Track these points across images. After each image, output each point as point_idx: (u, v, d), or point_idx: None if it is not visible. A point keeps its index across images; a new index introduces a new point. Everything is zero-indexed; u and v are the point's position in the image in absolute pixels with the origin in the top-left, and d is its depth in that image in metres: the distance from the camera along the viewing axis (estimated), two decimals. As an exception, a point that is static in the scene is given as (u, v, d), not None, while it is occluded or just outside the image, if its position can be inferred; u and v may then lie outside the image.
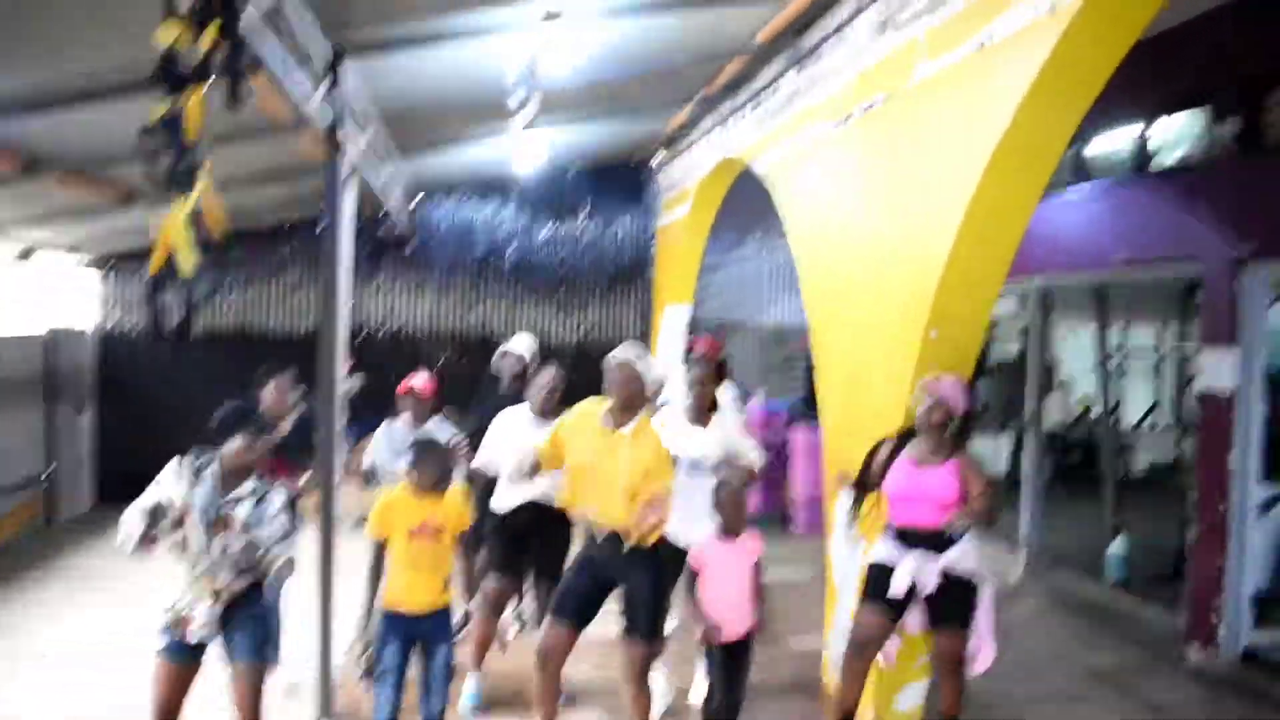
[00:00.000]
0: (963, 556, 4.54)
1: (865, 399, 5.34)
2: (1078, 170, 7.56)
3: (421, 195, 11.50)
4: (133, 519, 3.79)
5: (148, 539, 3.75)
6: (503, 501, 5.42)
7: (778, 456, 10.73)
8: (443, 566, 4.28)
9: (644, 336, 12.10)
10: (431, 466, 4.25)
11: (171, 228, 3.10)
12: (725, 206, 10.42)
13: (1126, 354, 12.83)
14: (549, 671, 4.48)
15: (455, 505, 4.32)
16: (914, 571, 4.50)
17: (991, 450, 12.55)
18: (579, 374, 6.34)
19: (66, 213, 7.88)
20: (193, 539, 3.81)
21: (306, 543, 5.37)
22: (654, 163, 11.93)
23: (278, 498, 3.95)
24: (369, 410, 10.88)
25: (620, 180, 12.15)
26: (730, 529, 4.61)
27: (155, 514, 3.78)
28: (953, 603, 4.54)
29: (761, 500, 10.70)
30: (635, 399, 4.41)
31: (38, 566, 8.21)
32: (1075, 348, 13.24)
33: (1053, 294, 8.31)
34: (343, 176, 5.35)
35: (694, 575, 4.59)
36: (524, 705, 5.43)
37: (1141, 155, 7.30)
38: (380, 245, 11.32)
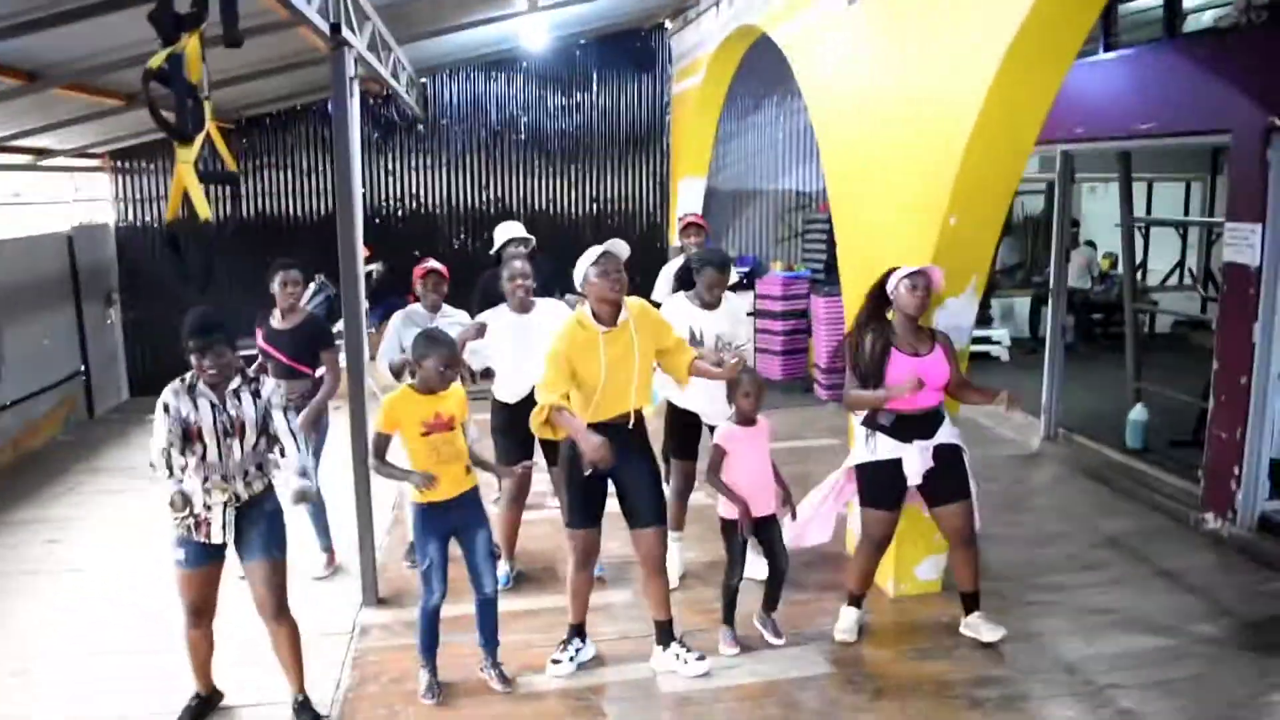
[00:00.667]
0: (948, 433, 4.79)
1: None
2: (1105, 33, 7.29)
3: (430, 75, 11.30)
4: (159, 462, 3.92)
5: (185, 501, 3.89)
6: (505, 393, 5.51)
7: (799, 324, 10.82)
8: (459, 454, 4.36)
9: (663, 207, 12.02)
10: (436, 362, 4.26)
11: (184, 173, 3.09)
12: (741, 70, 10.17)
13: (1151, 213, 12.70)
14: (586, 573, 4.66)
15: (456, 399, 4.38)
16: (920, 456, 4.69)
17: (1014, 313, 12.57)
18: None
19: (73, 118, 7.84)
20: (210, 450, 3.92)
21: (340, 430, 5.60)
22: (667, 27, 11.60)
23: (268, 385, 4.09)
24: (391, 292, 11.03)
25: (632, 48, 11.87)
26: (746, 419, 4.75)
27: (168, 461, 3.91)
28: (949, 478, 4.77)
29: (784, 367, 10.83)
30: (624, 293, 4.44)
31: (83, 459, 8.50)
32: (1100, 207, 13.06)
33: (1076, 158, 8.14)
34: (348, 71, 5.30)
35: (720, 459, 4.75)
36: (553, 582, 5.70)
37: (1172, 19, 7.04)
38: (390, 126, 11.19)
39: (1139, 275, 12.24)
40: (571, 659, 4.69)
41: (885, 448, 4.77)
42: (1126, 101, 7.16)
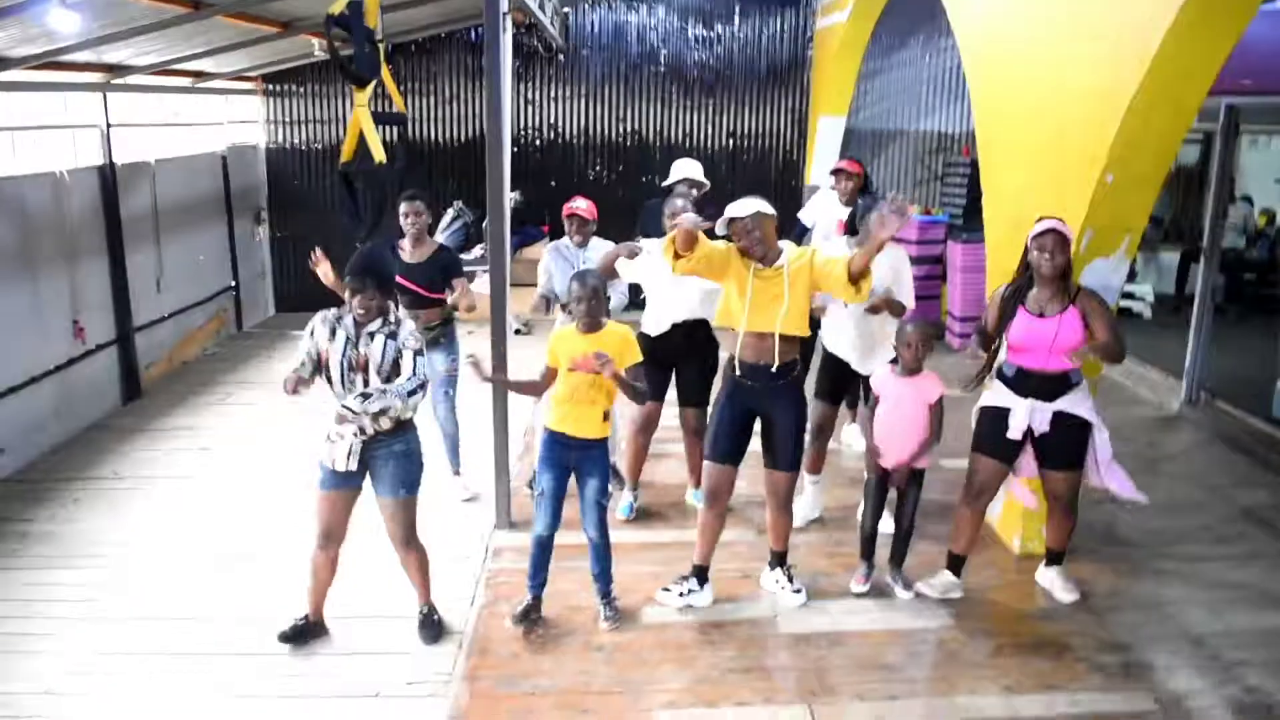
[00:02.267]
0: (1076, 401, 4.67)
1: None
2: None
3: (573, 4, 11.31)
4: (288, 373, 4.10)
5: (300, 382, 4.07)
6: (651, 324, 5.62)
7: (932, 270, 10.63)
8: (600, 399, 4.46)
9: (800, 144, 11.87)
10: (585, 301, 4.36)
11: (360, 116, 3.24)
12: (889, 6, 9.90)
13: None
14: (716, 510, 4.76)
15: (616, 342, 4.41)
16: (1029, 414, 4.65)
17: (1159, 267, 12.07)
18: (733, 181, 6.33)
19: (231, 44, 8.15)
20: (335, 380, 4.12)
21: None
22: (813, -41, 11.34)
23: (406, 328, 4.20)
24: (531, 220, 11.24)
25: (777, -20, 11.62)
26: (910, 369, 4.77)
27: (301, 367, 4.12)
28: (1063, 444, 4.70)
29: (914, 314, 10.66)
30: (775, 243, 4.48)
31: (233, 371, 8.99)
32: (1259, 159, 12.35)
33: (1240, 112, 7.73)
34: (501, 7, 5.39)
35: (875, 402, 4.83)
36: (679, 517, 5.85)
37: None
38: (532, 55, 11.27)
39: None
40: (682, 595, 4.82)
41: (1002, 396, 4.75)
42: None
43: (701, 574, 4.88)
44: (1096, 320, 4.56)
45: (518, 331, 10.04)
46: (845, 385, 5.66)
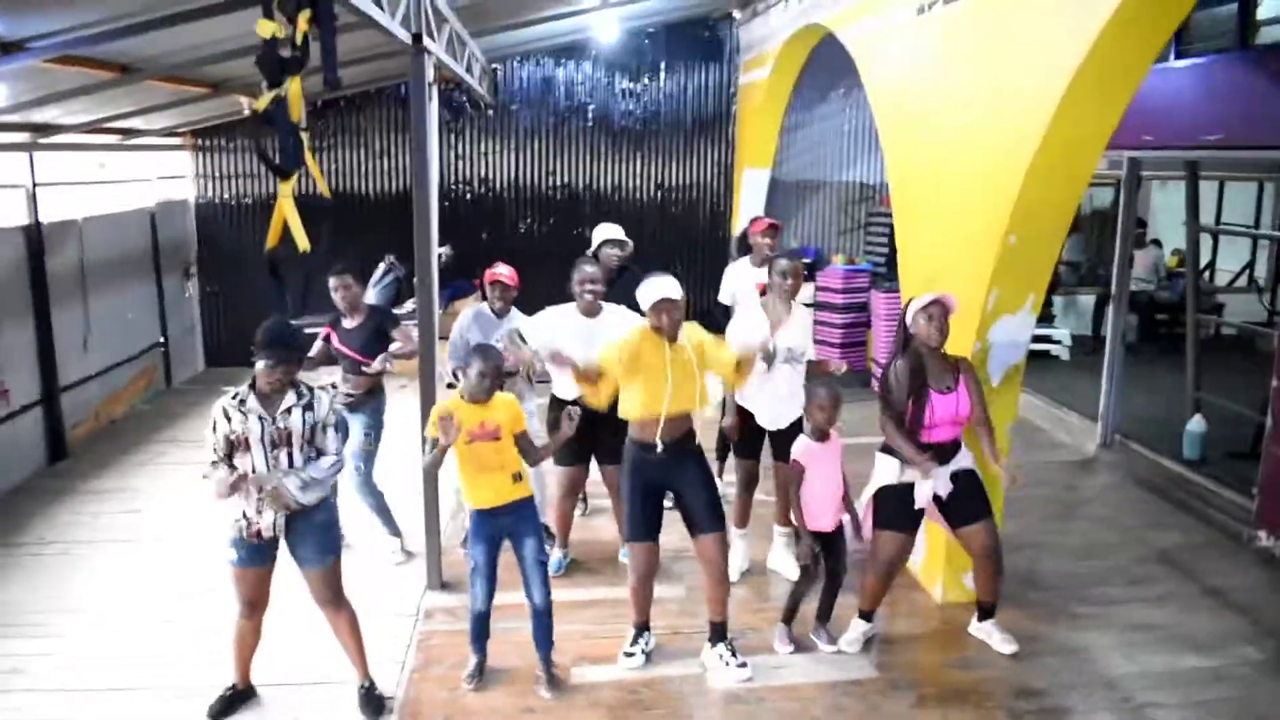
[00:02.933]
0: (963, 457, 4.93)
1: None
2: (1177, 40, 7.23)
3: (501, 61, 11.47)
4: (214, 477, 4.10)
5: (235, 479, 4.08)
6: (566, 390, 5.66)
7: (859, 318, 10.89)
8: (507, 463, 4.52)
9: (726, 196, 12.10)
10: (476, 371, 4.42)
11: (285, 205, 3.31)
12: (809, 62, 10.19)
13: (1222, 213, 12.47)
14: (646, 586, 4.86)
15: (505, 409, 4.51)
16: (934, 485, 4.83)
17: (1077, 310, 12.47)
18: (662, 232, 6.44)
19: (161, 104, 8.16)
20: (257, 462, 4.12)
21: (406, 413, 5.81)
22: (736, 17, 11.64)
23: (323, 404, 4.23)
24: (458, 275, 11.28)
25: (700, 37, 11.88)
26: (822, 434, 4.89)
27: (216, 465, 4.12)
28: (969, 500, 4.90)
29: (842, 360, 10.87)
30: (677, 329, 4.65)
31: (162, 429, 8.89)
32: (1168, 202, 12.86)
33: (1142, 163, 8.10)
34: (428, 76, 5.50)
35: (799, 474, 4.92)
36: (611, 572, 5.93)
37: (1245, 29, 6.97)
38: (460, 110, 11.38)
39: (1207, 276, 12.10)
40: (644, 651, 4.94)
41: (890, 471, 4.91)
42: (1196, 110, 7.12)
43: (645, 626, 4.98)
44: (974, 389, 4.83)
45: (450, 385, 10.05)
46: (760, 437, 5.78)
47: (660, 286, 4.57)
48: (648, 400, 4.59)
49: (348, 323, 5.99)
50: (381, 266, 10.92)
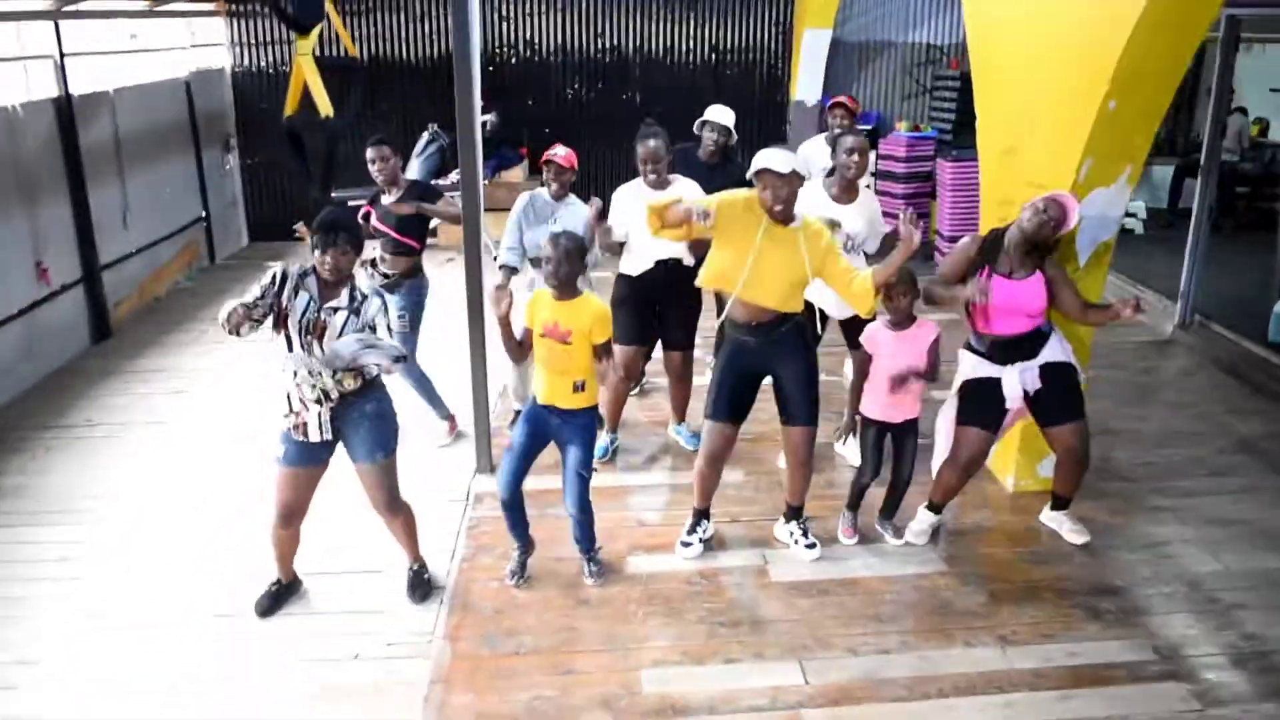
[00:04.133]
0: (1055, 349, 4.58)
1: (1024, 170, 5.00)
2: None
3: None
4: (233, 305, 3.77)
5: (247, 319, 3.75)
6: (632, 264, 5.41)
7: (922, 188, 10.40)
8: (571, 370, 4.21)
9: (785, 59, 11.48)
10: (556, 263, 4.12)
11: (302, 65, 2.98)
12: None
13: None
14: (714, 469, 4.61)
15: (588, 314, 4.18)
16: (1020, 378, 4.53)
17: (1151, 182, 11.83)
18: (716, 98, 6.08)
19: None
20: (292, 340, 3.87)
21: (452, 290, 5.53)
22: None
23: (372, 307, 3.95)
24: (504, 143, 10.90)
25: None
26: (899, 324, 4.57)
27: (254, 306, 3.80)
28: (1060, 397, 4.58)
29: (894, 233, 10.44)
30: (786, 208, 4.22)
31: (206, 306, 8.75)
32: (1254, 67, 12.01)
33: (1241, 22, 7.44)
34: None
35: (865, 362, 4.62)
36: (665, 455, 5.75)
37: None
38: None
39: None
40: (702, 539, 4.74)
41: (983, 368, 4.61)
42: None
43: (705, 513, 4.78)
44: (1065, 290, 4.48)
45: (495, 258, 9.79)
46: (816, 326, 5.46)
47: (767, 156, 4.15)
48: (723, 272, 4.25)
49: (386, 198, 5.69)
50: (425, 136, 10.58)
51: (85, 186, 7.72)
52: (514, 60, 11.33)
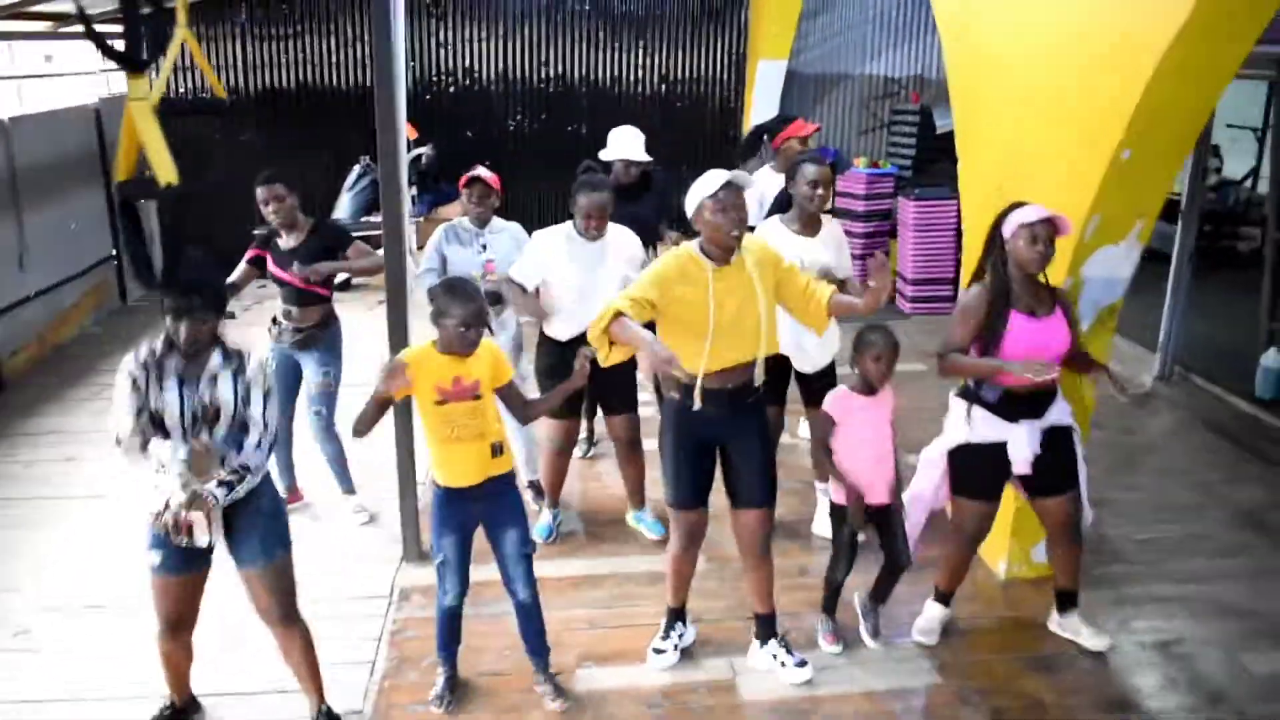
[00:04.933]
0: (1061, 409, 4.02)
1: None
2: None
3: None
4: (127, 442, 3.20)
5: (140, 444, 3.20)
6: (558, 328, 4.82)
7: (881, 226, 9.93)
8: (487, 431, 3.57)
9: (738, 90, 11.00)
10: (458, 320, 3.43)
11: (135, 117, 2.33)
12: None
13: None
14: (690, 556, 4.02)
15: (486, 357, 3.56)
16: (1029, 441, 3.94)
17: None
18: (666, 131, 5.60)
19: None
20: (175, 439, 3.22)
21: (376, 341, 4.88)
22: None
23: (253, 363, 3.30)
24: (443, 177, 10.27)
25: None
26: (869, 386, 4.00)
27: (139, 428, 3.20)
28: (1058, 465, 4.02)
29: (862, 274, 9.98)
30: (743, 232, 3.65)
31: (113, 354, 7.96)
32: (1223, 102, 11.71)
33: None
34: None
35: (829, 430, 4.05)
36: (615, 538, 5.13)
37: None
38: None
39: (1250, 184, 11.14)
40: (676, 646, 4.11)
41: (987, 428, 3.99)
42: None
43: (680, 614, 4.15)
44: (1074, 321, 3.96)
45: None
46: (786, 380, 4.93)
47: (717, 175, 3.59)
48: (684, 349, 3.59)
49: (285, 241, 5.00)
50: (356, 169, 9.96)
51: (-30, 226, 6.97)
52: (452, 89, 10.73)
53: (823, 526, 5.14)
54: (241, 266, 5.05)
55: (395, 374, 3.39)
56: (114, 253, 9.34)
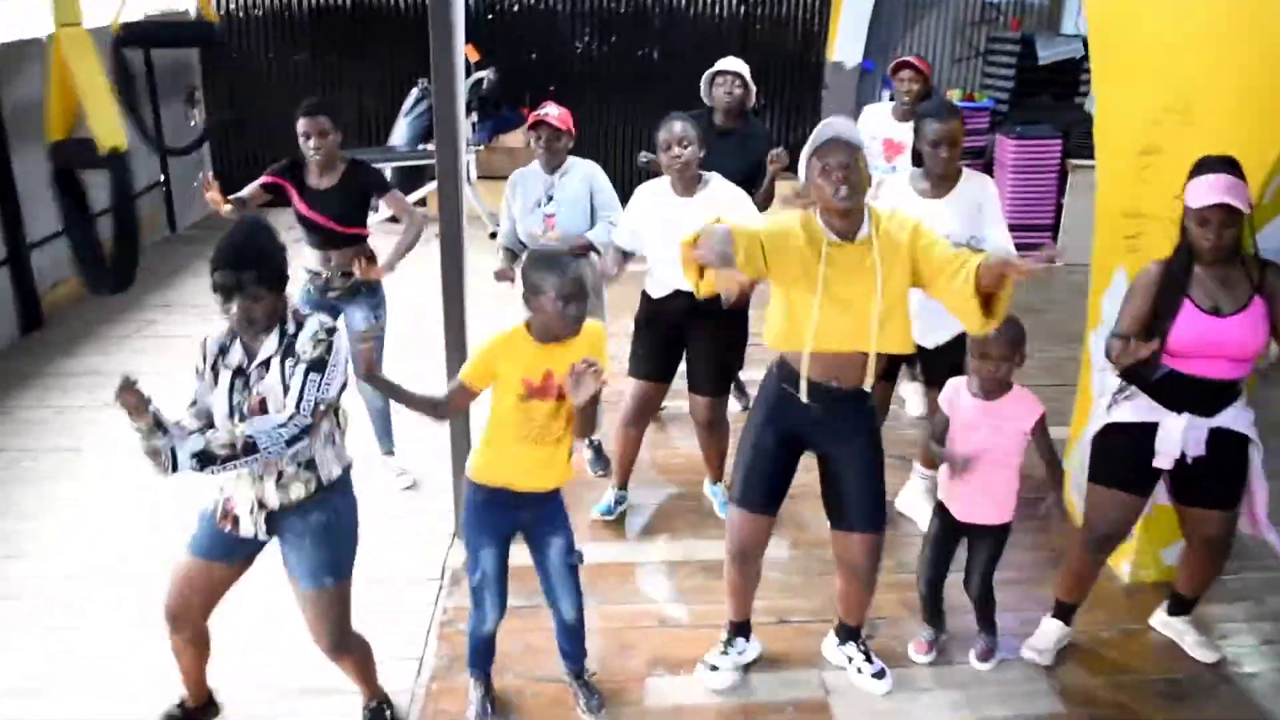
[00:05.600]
0: (1238, 414, 3.36)
1: (1171, 179, 3.82)
2: None
3: None
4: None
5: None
6: (652, 284, 4.31)
7: (973, 165, 9.20)
8: (565, 435, 3.09)
9: (822, 12, 10.21)
10: (555, 296, 2.90)
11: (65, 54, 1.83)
12: None
13: None
14: (745, 571, 3.48)
15: (591, 346, 3.04)
16: (1184, 434, 3.32)
17: None
18: (743, 57, 5.00)
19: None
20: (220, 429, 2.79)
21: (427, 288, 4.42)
22: None
23: (305, 337, 2.79)
24: (503, 104, 9.70)
25: None
26: (990, 390, 3.40)
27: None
28: (1220, 472, 3.40)
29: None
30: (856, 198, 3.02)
31: (165, 283, 7.62)
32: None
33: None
34: None
35: (943, 426, 3.50)
36: (685, 516, 4.65)
37: None
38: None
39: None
40: (736, 665, 3.60)
41: (1141, 407, 3.39)
42: None
43: (743, 628, 3.64)
44: (1276, 325, 3.23)
45: (493, 235, 8.62)
46: (901, 357, 4.32)
47: (831, 125, 3.02)
48: (789, 327, 3.09)
49: (317, 180, 4.47)
50: (414, 92, 9.40)
51: (7, 151, 6.55)
52: (516, 7, 10.07)
53: (909, 504, 4.63)
54: (253, 187, 4.52)
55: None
56: (162, 178, 8.94)
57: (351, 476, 3.04)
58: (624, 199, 4.47)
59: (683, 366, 4.42)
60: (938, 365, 4.17)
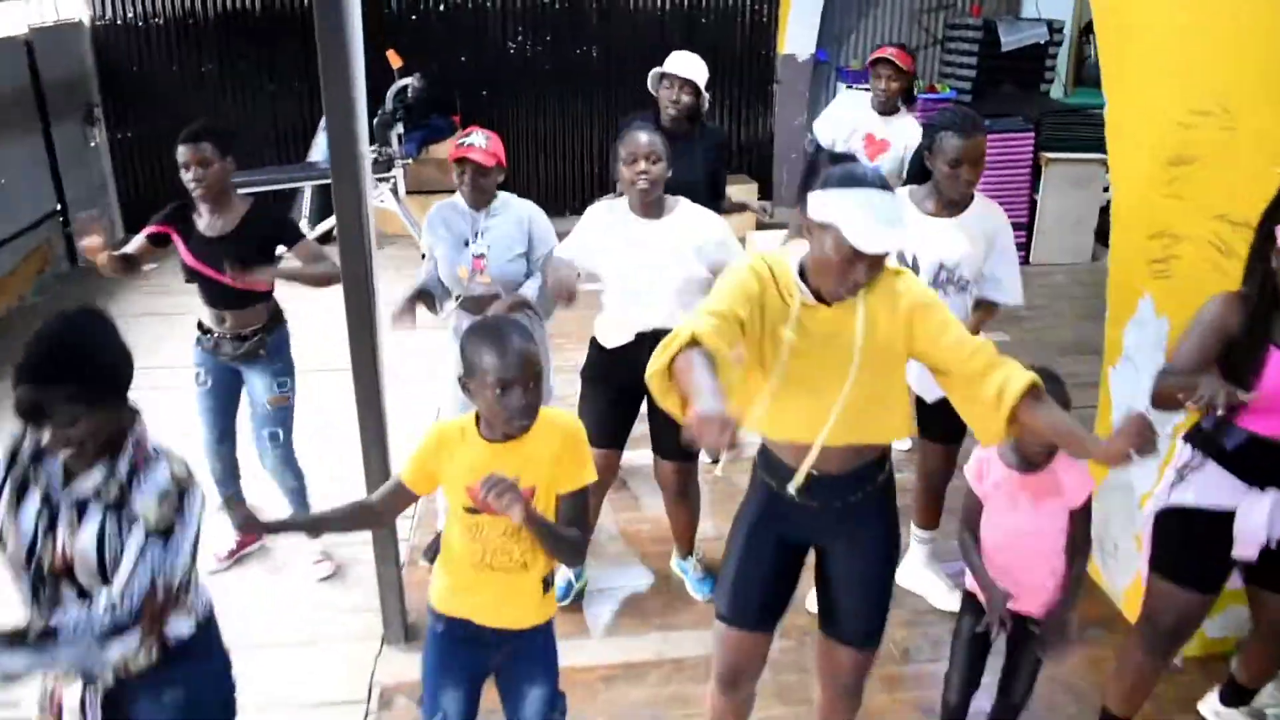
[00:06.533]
0: None
1: (1209, 196, 3.26)
2: None
3: None
4: None
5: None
6: (606, 330, 3.67)
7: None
8: (533, 561, 2.40)
9: (770, 4, 9.59)
10: (495, 380, 2.23)
11: None
12: None
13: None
14: (734, 699, 2.83)
15: (564, 444, 2.37)
16: (1271, 516, 2.71)
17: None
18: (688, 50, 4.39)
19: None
20: (22, 585, 2.10)
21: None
22: None
23: (151, 485, 2.06)
24: (434, 109, 8.99)
25: None
26: (1034, 461, 2.78)
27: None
28: None
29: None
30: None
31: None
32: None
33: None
34: None
35: (975, 510, 2.88)
36: (655, 605, 4.02)
37: None
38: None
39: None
40: None
41: (1213, 486, 2.79)
42: None
43: None
44: None
45: (424, 256, 7.92)
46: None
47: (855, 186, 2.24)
48: (776, 412, 2.42)
49: (206, 222, 3.76)
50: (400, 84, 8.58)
51: None
52: (442, 8, 9.33)
53: (912, 576, 4.03)
54: (139, 240, 3.80)
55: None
56: (59, 206, 8.12)
57: (216, 626, 2.33)
58: (567, 211, 3.80)
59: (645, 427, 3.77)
60: (935, 425, 3.57)
